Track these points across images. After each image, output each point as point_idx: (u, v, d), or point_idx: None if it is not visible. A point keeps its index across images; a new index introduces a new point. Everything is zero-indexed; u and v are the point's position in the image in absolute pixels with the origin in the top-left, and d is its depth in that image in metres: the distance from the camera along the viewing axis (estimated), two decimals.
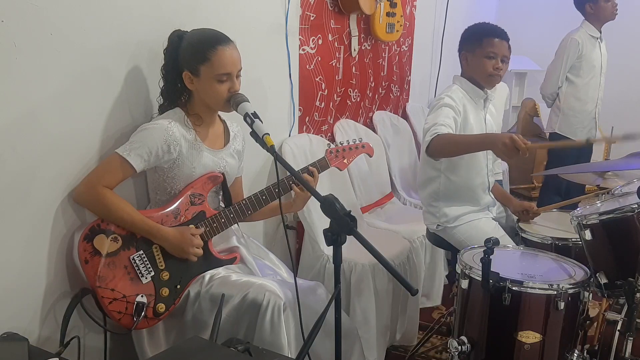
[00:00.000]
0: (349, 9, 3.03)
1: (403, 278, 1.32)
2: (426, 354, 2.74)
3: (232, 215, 1.87)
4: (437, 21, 4.33)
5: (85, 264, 1.69)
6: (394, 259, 2.65)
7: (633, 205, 1.83)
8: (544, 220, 2.47)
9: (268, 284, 1.79)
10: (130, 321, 1.74)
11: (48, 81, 1.61)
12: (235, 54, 1.80)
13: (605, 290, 1.89)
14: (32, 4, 1.53)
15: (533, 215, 2.48)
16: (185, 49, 1.79)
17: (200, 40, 1.78)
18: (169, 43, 1.83)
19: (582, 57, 3.74)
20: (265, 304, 1.73)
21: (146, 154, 1.73)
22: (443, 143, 2.11)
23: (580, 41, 3.71)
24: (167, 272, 1.80)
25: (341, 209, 1.32)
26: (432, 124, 2.17)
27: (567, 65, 3.77)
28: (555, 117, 3.94)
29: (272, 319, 1.74)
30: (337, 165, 2.04)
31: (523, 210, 2.51)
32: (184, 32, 1.83)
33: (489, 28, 2.39)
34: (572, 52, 3.73)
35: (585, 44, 3.73)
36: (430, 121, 2.21)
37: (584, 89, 3.81)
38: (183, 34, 1.83)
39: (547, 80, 3.92)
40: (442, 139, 2.11)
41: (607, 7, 3.69)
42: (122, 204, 1.73)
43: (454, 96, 2.33)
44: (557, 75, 3.82)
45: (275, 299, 1.74)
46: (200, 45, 1.77)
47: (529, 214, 2.48)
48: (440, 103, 2.29)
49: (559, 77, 3.81)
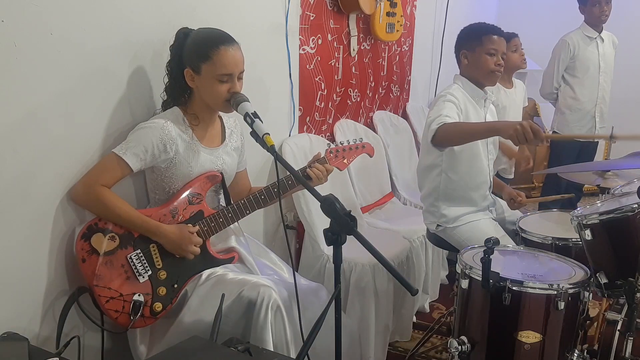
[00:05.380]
0: (348, 8, 3.03)
1: (403, 278, 1.32)
2: (426, 354, 2.74)
3: (230, 215, 1.87)
4: (437, 21, 4.33)
5: (83, 262, 1.69)
6: (393, 259, 2.65)
7: (633, 205, 1.82)
8: (544, 220, 2.48)
9: (263, 282, 1.78)
10: (127, 320, 1.74)
11: (48, 81, 1.61)
12: (238, 55, 1.79)
13: (605, 290, 1.89)
14: (32, 4, 1.53)
15: (518, 205, 2.57)
16: (189, 46, 1.80)
17: (205, 39, 1.78)
18: (176, 39, 1.84)
19: (575, 58, 3.86)
20: (259, 301, 1.72)
21: (142, 153, 1.73)
22: (450, 130, 2.12)
23: (571, 42, 3.83)
24: (164, 271, 1.80)
25: (341, 209, 1.32)
26: (437, 115, 2.18)
27: (560, 66, 3.90)
28: (555, 116, 4.07)
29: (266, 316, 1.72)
30: (337, 165, 2.04)
31: (511, 198, 2.59)
32: (190, 29, 1.84)
33: (487, 26, 2.41)
34: (564, 54, 3.86)
35: (577, 44, 3.84)
36: (433, 114, 2.22)
37: (578, 87, 3.90)
38: (190, 31, 1.83)
39: (543, 82, 4.06)
40: (449, 127, 2.12)
41: (593, 11, 3.79)
42: (119, 203, 1.73)
43: (455, 94, 2.34)
44: (552, 76, 3.95)
45: (270, 296, 1.72)
46: (204, 43, 1.77)
47: (515, 202, 2.57)
48: (443, 99, 2.30)
49: (553, 78, 3.94)
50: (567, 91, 3.93)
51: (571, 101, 3.92)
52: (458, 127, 2.15)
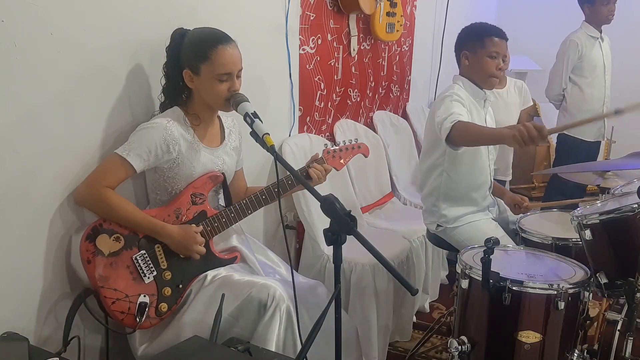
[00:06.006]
0: (348, 8, 3.03)
1: (403, 278, 1.32)
2: (426, 354, 2.74)
3: (232, 215, 1.87)
4: (437, 21, 4.32)
5: (88, 264, 1.69)
6: (394, 259, 2.65)
7: (633, 205, 1.82)
8: (544, 220, 2.48)
9: (271, 284, 1.79)
10: (133, 321, 1.74)
11: (48, 81, 1.61)
12: (235, 54, 1.79)
13: (605, 290, 1.89)
14: (32, 3, 1.53)
15: (524, 209, 2.51)
16: (186, 47, 1.79)
17: (202, 39, 1.78)
18: (172, 41, 1.84)
19: (582, 58, 3.79)
20: (270, 302, 1.73)
21: (145, 154, 1.73)
22: (465, 129, 2.09)
23: (579, 42, 3.76)
24: (169, 271, 1.80)
25: (341, 209, 1.32)
26: (449, 113, 2.15)
27: (568, 67, 3.82)
28: (563, 118, 3.97)
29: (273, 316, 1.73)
30: (334, 165, 2.04)
31: (515, 203, 2.55)
32: (186, 30, 1.84)
33: (489, 27, 2.39)
34: (572, 54, 3.78)
35: (584, 44, 3.77)
36: (443, 113, 2.18)
37: (588, 88, 3.85)
38: (185, 32, 1.83)
39: (550, 83, 3.96)
40: (465, 125, 2.10)
41: (602, 10, 3.74)
42: (124, 204, 1.73)
43: (460, 94, 2.32)
44: (560, 77, 3.86)
45: (280, 296, 1.74)
46: (202, 43, 1.77)
47: (520, 208, 2.52)
48: (449, 98, 2.27)
49: (561, 79, 3.86)
50: (576, 92, 3.86)
51: (580, 102, 3.86)
52: (470, 128, 2.12)
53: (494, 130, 2.27)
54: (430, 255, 3.12)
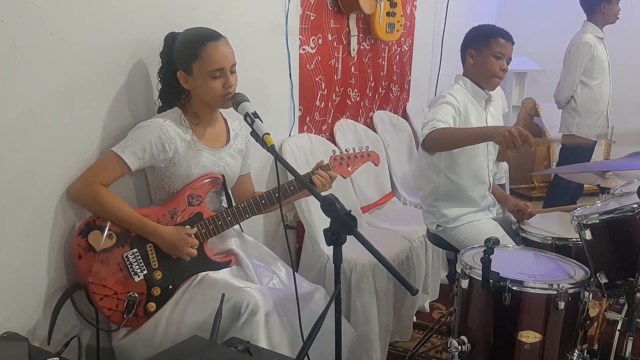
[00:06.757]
0: (349, 8, 3.03)
1: (403, 278, 1.32)
2: (426, 353, 2.74)
3: (229, 218, 1.86)
4: (437, 21, 4.33)
5: (79, 259, 1.69)
6: (394, 259, 2.65)
7: (633, 205, 1.82)
8: (544, 220, 2.48)
9: (250, 290, 1.73)
10: (120, 318, 1.75)
11: (48, 81, 1.61)
12: (226, 49, 1.79)
13: (605, 290, 1.89)
14: (32, 3, 1.53)
15: (528, 215, 2.49)
16: (177, 48, 1.80)
17: (191, 39, 1.78)
18: (165, 45, 1.84)
19: (594, 59, 3.76)
20: (243, 310, 1.68)
21: (140, 152, 1.73)
22: (439, 136, 2.11)
23: (592, 43, 3.73)
24: (159, 271, 1.80)
25: (341, 209, 1.32)
26: (431, 119, 2.17)
27: (581, 69, 3.78)
28: (572, 119, 3.92)
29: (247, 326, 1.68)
30: (340, 172, 1.99)
31: (518, 210, 2.52)
32: (177, 33, 1.84)
33: (497, 29, 2.40)
34: (586, 55, 3.74)
35: (596, 45, 3.75)
36: (429, 117, 2.21)
37: (598, 89, 3.83)
38: (176, 35, 1.83)
39: (563, 84, 3.90)
40: (438, 133, 2.11)
41: (616, 9, 3.73)
42: (117, 202, 1.73)
43: (456, 95, 2.33)
44: (573, 79, 3.81)
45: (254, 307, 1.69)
46: (191, 43, 1.77)
47: (524, 214, 2.50)
48: (441, 100, 2.29)
49: (574, 81, 3.81)
50: (587, 94, 3.82)
51: (590, 103, 3.83)
52: (448, 134, 2.12)
53: (478, 129, 2.25)
54: (430, 255, 3.12)
